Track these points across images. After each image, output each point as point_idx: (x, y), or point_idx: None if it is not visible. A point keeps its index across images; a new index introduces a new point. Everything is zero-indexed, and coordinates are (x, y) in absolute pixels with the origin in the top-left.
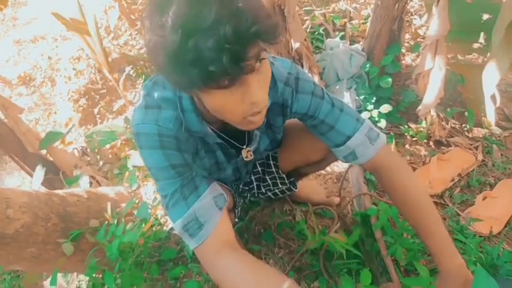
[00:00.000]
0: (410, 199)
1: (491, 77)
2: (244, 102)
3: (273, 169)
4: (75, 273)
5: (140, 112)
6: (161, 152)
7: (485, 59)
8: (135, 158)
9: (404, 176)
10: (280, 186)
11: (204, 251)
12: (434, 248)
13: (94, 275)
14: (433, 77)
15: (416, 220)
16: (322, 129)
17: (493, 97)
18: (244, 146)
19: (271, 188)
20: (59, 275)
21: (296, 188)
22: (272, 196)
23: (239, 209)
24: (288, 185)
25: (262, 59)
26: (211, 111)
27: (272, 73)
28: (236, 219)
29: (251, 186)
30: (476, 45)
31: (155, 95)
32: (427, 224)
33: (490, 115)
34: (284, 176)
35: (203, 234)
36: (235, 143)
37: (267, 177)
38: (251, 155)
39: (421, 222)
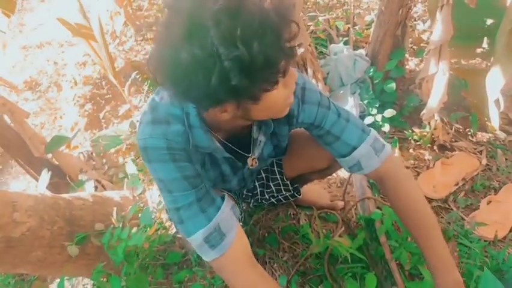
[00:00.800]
0: (412, 210)
1: (495, 82)
2: (288, 87)
3: (277, 176)
4: (80, 277)
5: (148, 127)
6: (172, 165)
7: (489, 64)
8: (131, 166)
9: (408, 187)
10: (284, 192)
11: (226, 262)
12: (433, 261)
13: (100, 279)
14: (437, 82)
15: (417, 231)
16: (328, 140)
17: (497, 102)
18: (250, 155)
19: (275, 194)
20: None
21: (300, 195)
22: (275, 202)
23: (243, 214)
24: (292, 192)
25: None
26: (257, 117)
27: None
28: (240, 224)
29: (255, 192)
30: (479, 50)
31: (163, 110)
32: (428, 236)
33: (494, 119)
34: (288, 182)
35: (226, 244)
36: (241, 152)
37: (271, 184)
38: (256, 162)
39: (422, 234)
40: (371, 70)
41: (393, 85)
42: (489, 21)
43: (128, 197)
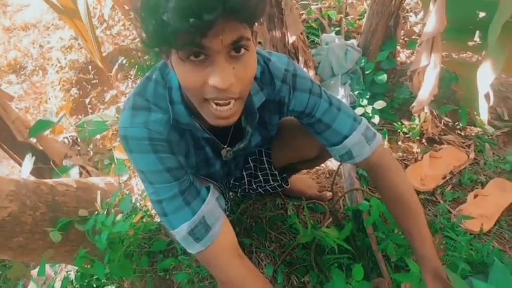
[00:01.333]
0: (401, 199)
1: (485, 76)
2: (207, 84)
3: (266, 165)
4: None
5: (128, 114)
6: (154, 156)
7: (480, 58)
8: (118, 152)
9: (397, 176)
10: (271, 183)
11: (212, 254)
12: (422, 250)
13: (82, 264)
14: (428, 74)
15: (404, 220)
16: (319, 128)
17: (487, 96)
18: (225, 146)
19: (263, 184)
20: (47, 264)
21: (288, 185)
22: (263, 192)
23: (229, 204)
24: (280, 182)
25: (245, 48)
26: (181, 86)
27: (269, 69)
28: (227, 213)
29: (242, 181)
30: (471, 44)
31: (147, 91)
32: (414, 226)
33: (483, 113)
34: (276, 172)
35: (211, 236)
36: (218, 142)
37: (259, 174)
38: (230, 155)
39: (409, 223)
40: (363, 61)
41: (384, 76)
42: (481, 14)
43: (113, 183)
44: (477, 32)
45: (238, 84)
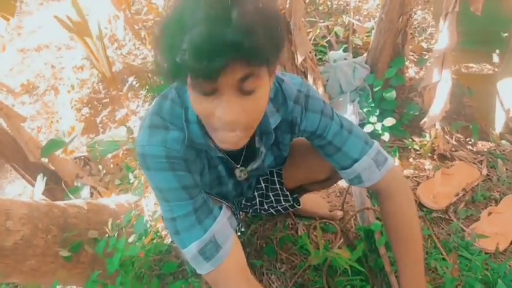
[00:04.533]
0: (398, 228)
1: (507, 89)
2: (215, 115)
3: (277, 186)
4: (74, 286)
5: (145, 132)
6: (171, 174)
7: (496, 70)
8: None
9: (400, 206)
10: (283, 203)
11: (220, 275)
12: (403, 280)
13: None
14: (439, 90)
15: (402, 252)
16: (329, 151)
17: (508, 110)
18: (238, 166)
19: (274, 205)
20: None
21: (300, 206)
22: (274, 213)
23: (240, 225)
24: (292, 202)
25: (255, 83)
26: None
27: (282, 90)
28: (238, 234)
29: (253, 202)
30: (487, 55)
31: (164, 109)
32: (410, 261)
33: (499, 127)
34: (288, 193)
35: (221, 256)
36: (232, 161)
37: (270, 194)
38: (245, 175)
39: (405, 258)
40: (371, 78)
41: (393, 93)
42: (498, 26)
43: (123, 204)
44: (494, 44)
45: (246, 117)
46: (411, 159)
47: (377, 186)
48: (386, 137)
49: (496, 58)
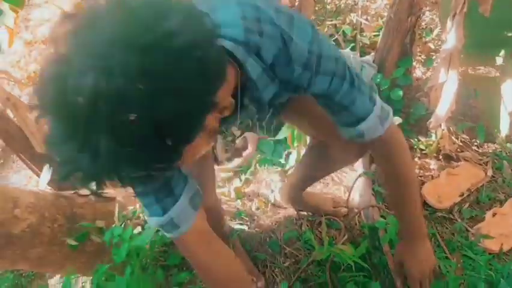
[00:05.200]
0: (401, 176)
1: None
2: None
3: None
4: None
5: None
6: None
7: (500, 72)
8: None
9: (403, 155)
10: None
11: (180, 243)
12: (407, 230)
13: (102, 279)
14: (446, 90)
15: (399, 199)
16: (335, 108)
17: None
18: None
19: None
20: (61, 276)
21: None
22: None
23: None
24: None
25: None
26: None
27: (288, 51)
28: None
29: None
30: (493, 57)
31: None
32: (410, 207)
33: (504, 130)
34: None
35: (180, 231)
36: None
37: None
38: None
39: (404, 204)
40: (378, 77)
41: (400, 93)
42: (504, 29)
43: (130, 196)
44: (500, 46)
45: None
46: (416, 159)
47: (377, 140)
48: None
49: (500, 61)
